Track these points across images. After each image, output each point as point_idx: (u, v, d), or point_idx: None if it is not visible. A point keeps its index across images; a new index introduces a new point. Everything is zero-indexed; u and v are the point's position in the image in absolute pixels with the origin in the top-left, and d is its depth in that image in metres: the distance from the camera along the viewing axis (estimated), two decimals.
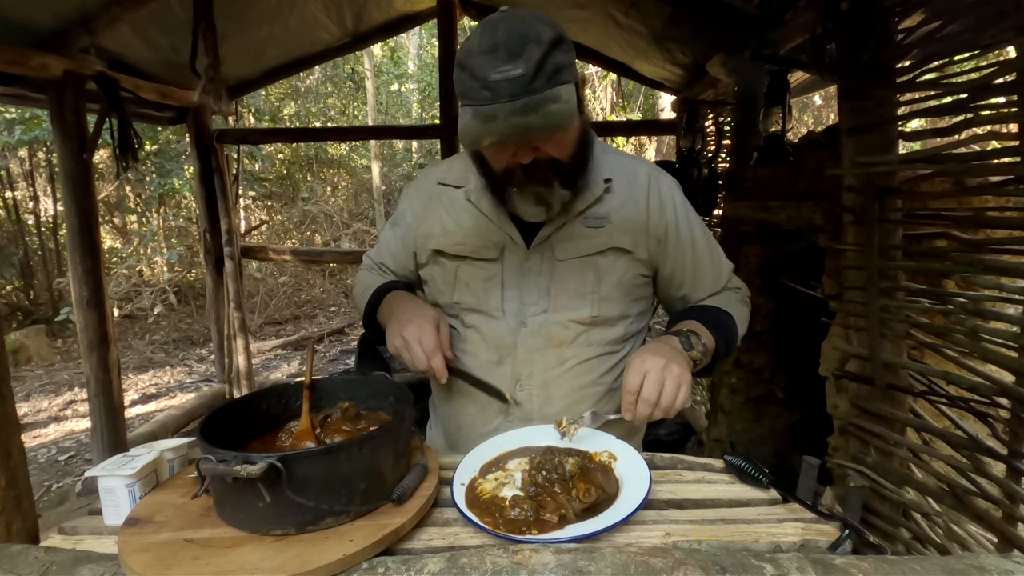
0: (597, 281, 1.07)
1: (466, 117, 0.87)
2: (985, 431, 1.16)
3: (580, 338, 1.08)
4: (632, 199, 1.08)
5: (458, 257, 1.10)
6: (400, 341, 1.00)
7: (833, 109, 7.87)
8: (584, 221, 1.06)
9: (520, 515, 0.76)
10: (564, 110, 0.85)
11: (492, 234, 1.08)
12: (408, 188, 1.23)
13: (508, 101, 0.83)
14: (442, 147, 3.61)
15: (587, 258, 1.06)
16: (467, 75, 0.86)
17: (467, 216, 1.10)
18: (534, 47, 0.84)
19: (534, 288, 1.07)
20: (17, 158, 6.21)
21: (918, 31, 1.22)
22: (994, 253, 1.12)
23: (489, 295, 1.09)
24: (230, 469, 0.66)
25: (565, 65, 0.87)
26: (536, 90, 0.83)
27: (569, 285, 1.06)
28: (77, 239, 2.71)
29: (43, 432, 3.90)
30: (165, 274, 6.72)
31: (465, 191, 1.10)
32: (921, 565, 0.63)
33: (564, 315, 1.07)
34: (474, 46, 0.87)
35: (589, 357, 1.09)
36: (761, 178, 2.21)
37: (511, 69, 0.83)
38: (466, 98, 0.87)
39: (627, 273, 1.08)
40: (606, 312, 1.08)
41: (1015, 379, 1.05)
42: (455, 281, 1.11)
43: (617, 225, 1.07)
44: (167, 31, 2.80)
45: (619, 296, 1.09)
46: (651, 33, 2.75)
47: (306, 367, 0.97)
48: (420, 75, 10.10)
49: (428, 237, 1.14)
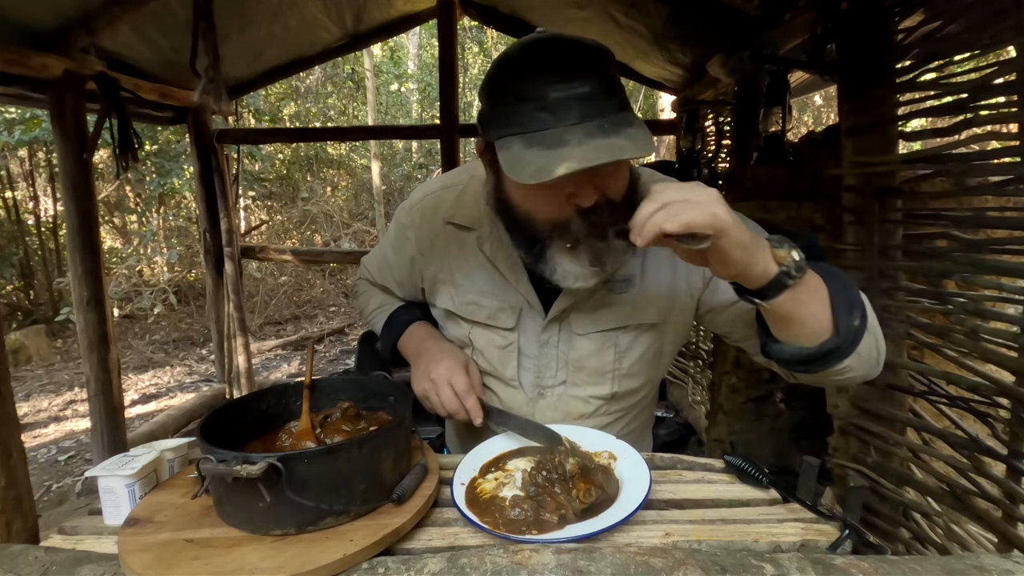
0: (619, 359, 0.95)
1: (515, 148, 0.70)
2: (985, 431, 1.16)
3: (600, 409, 1.00)
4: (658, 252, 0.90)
5: (473, 321, 0.99)
6: (428, 384, 0.93)
7: (833, 109, 7.87)
8: (608, 286, 0.91)
9: (520, 515, 0.75)
10: (645, 134, 0.70)
11: (509, 297, 0.95)
12: (411, 213, 1.04)
13: (578, 123, 0.68)
14: (442, 147, 3.62)
15: (608, 333, 0.93)
16: (510, 98, 0.71)
17: (481, 272, 0.96)
18: (599, 63, 0.71)
19: (552, 361, 0.97)
20: (17, 158, 6.21)
21: (918, 31, 1.22)
22: (994, 253, 1.12)
23: (505, 365, 0.98)
24: (230, 469, 0.66)
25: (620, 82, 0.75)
26: (607, 111, 0.70)
27: (588, 362, 0.95)
28: (77, 239, 2.71)
29: (43, 432, 3.89)
30: (165, 274, 6.72)
31: (478, 237, 0.96)
32: (921, 565, 0.63)
33: (584, 391, 0.98)
34: (511, 67, 0.72)
35: (608, 423, 1.02)
36: (761, 178, 2.20)
37: (577, 87, 0.69)
38: (511, 126, 0.71)
39: (652, 346, 0.97)
40: (628, 386, 0.99)
41: (1015, 379, 1.06)
42: (469, 345, 1.01)
43: (645, 288, 0.92)
44: (167, 31, 2.80)
45: (642, 369, 0.98)
46: (651, 33, 2.75)
47: (306, 367, 0.97)
48: (420, 75, 10.10)
49: (436, 284, 1.01)
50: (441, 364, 0.95)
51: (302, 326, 6.62)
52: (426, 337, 1.04)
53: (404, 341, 1.07)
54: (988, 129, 1.11)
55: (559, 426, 1.00)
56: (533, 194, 0.78)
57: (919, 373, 1.30)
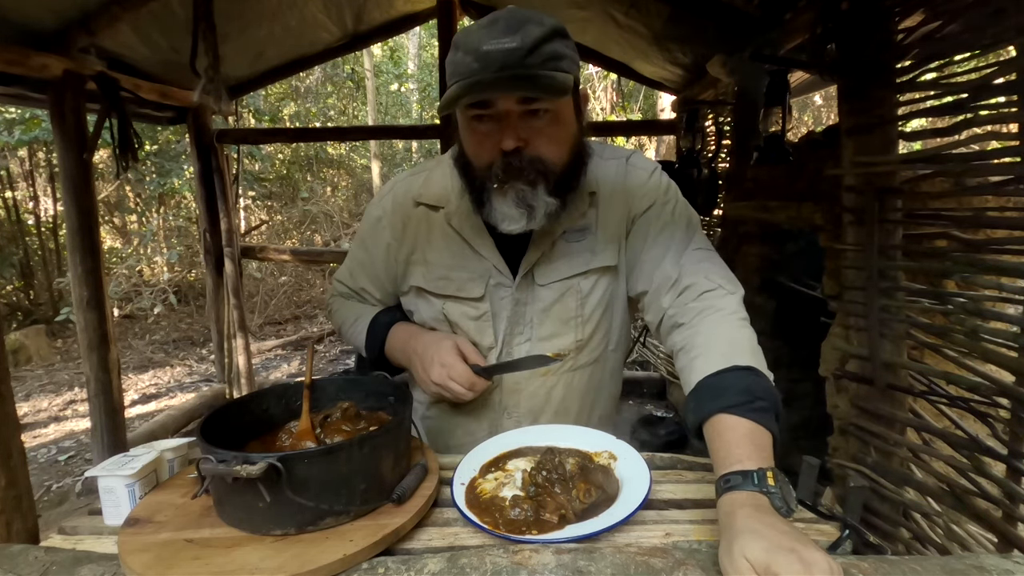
0: (580, 305, 1.01)
1: (451, 92, 0.81)
2: (985, 431, 1.16)
3: (566, 364, 1.04)
4: (612, 199, 1.00)
5: (444, 296, 1.03)
6: (435, 388, 0.98)
7: (833, 109, 7.87)
8: (565, 237, 0.99)
9: (520, 515, 0.76)
10: (560, 80, 0.80)
11: (475, 266, 1.01)
12: (382, 204, 1.08)
13: (497, 71, 0.78)
14: (442, 147, 3.62)
15: (569, 280, 1.00)
16: (460, 53, 0.82)
17: (450, 246, 1.02)
18: (534, 27, 0.80)
19: (520, 318, 1.02)
20: (17, 158, 6.21)
21: (918, 31, 1.22)
22: (994, 253, 1.12)
23: (483, 334, 1.03)
24: (230, 469, 0.66)
25: (565, 56, 0.83)
26: (530, 66, 0.79)
27: (552, 311, 1.01)
28: (77, 239, 2.71)
29: (43, 432, 3.89)
30: (165, 274, 6.72)
31: (446, 213, 1.02)
32: (921, 565, 0.63)
33: (548, 343, 1.02)
34: (469, 30, 0.83)
35: (573, 380, 1.06)
36: (761, 178, 2.21)
37: (506, 42, 0.78)
38: (454, 76, 0.82)
39: (609, 288, 1.03)
40: (589, 332, 1.03)
41: (1015, 379, 1.05)
42: (444, 320, 1.05)
43: (600, 235, 1.00)
44: (167, 31, 2.80)
45: (602, 316, 1.03)
46: (651, 33, 2.75)
47: (306, 367, 0.97)
48: (420, 75, 10.10)
49: (409, 266, 1.06)
50: (435, 362, 0.97)
51: (302, 326, 6.62)
52: (409, 337, 1.06)
53: (390, 347, 1.09)
54: (988, 129, 1.11)
55: (560, 427, 1.01)
56: (471, 139, 0.90)
57: (919, 373, 1.30)
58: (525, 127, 0.86)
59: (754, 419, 0.73)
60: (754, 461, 0.68)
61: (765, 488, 0.65)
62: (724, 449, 0.71)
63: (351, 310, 1.16)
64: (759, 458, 0.69)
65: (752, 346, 0.84)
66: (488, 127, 0.87)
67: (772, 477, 0.67)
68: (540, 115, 0.86)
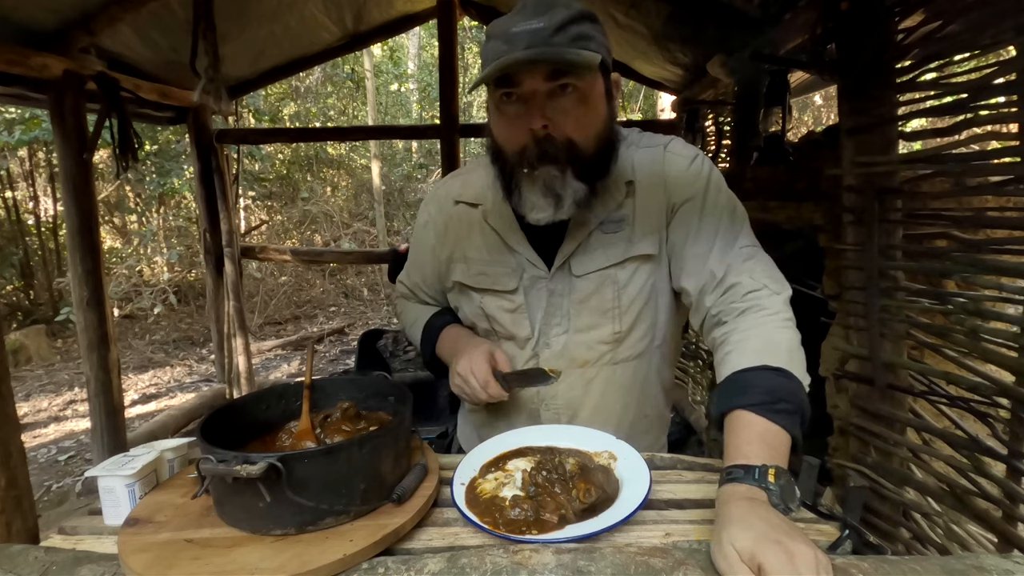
0: (617, 296, 0.99)
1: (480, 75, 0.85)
2: (985, 431, 1.16)
3: (605, 357, 1.02)
4: (650, 188, 0.97)
5: (481, 290, 1.05)
6: (458, 379, 0.99)
7: (833, 109, 7.87)
8: (601, 228, 0.98)
9: (520, 515, 0.75)
10: (585, 56, 0.81)
11: (509, 260, 1.02)
12: (427, 208, 1.14)
13: (524, 49, 0.80)
14: (442, 147, 3.61)
15: (606, 271, 0.98)
16: (491, 40, 0.85)
17: (487, 242, 1.04)
18: (562, 9, 0.82)
19: (557, 309, 1.01)
20: (17, 158, 6.21)
21: (918, 31, 1.22)
22: (994, 253, 1.12)
23: (519, 327, 1.03)
24: (230, 469, 0.66)
25: (593, 37, 0.85)
26: (556, 44, 0.81)
27: (589, 302, 0.99)
28: (77, 239, 2.71)
29: (43, 432, 3.89)
30: (165, 274, 6.72)
31: (483, 211, 1.04)
32: (921, 565, 0.63)
33: (586, 335, 1.00)
34: (502, 17, 0.87)
35: (615, 375, 1.03)
36: (761, 178, 2.21)
37: (534, 23, 0.81)
38: (485, 61, 0.85)
39: (648, 280, 1.00)
40: (629, 326, 1.00)
41: (1015, 379, 1.06)
42: (483, 314, 1.06)
43: (638, 225, 0.97)
44: (167, 31, 2.80)
45: (641, 308, 1.00)
46: (651, 33, 2.75)
47: (306, 367, 0.97)
48: (420, 75, 10.10)
49: (452, 264, 1.08)
50: (463, 357, 0.99)
51: (302, 326, 6.62)
52: (457, 338, 1.09)
53: (440, 347, 1.12)
54: (988, 129, 1.11)
55: (560, 427, 1.00)
56: (500, 122, 0.91)
57: (919, 373, 1.30)
58: (552, 106, 0.86)
59: (772, 419, 0.73)
60: (760, 458, 0.69)
61: (764, 484, 0.67)
62: (734, 444, 0.73)
63: (411, 312, 1.22)
64: (767, 456, 0.70)
65: (790, 348, 0.83)
66: (516, 108, 0.88)
67: (774, 475, 0.67)
68: (567, 94, 0.86)
